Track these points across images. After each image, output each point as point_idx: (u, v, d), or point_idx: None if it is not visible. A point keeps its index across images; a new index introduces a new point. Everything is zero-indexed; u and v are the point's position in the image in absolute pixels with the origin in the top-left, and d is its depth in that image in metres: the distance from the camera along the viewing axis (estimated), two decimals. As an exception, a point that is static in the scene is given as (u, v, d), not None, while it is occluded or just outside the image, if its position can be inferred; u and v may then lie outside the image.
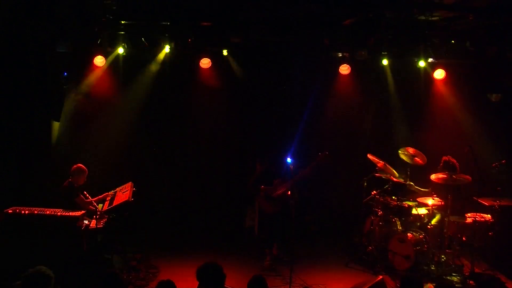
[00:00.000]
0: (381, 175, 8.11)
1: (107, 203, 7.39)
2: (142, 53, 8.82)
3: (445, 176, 7.49)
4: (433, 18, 7.60)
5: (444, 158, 7.88)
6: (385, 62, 9.17)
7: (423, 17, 7.52)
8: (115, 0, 7.19)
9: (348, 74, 9.44)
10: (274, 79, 9.66)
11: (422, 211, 7.87)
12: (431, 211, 7.80)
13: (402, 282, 4.64)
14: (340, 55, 9.24)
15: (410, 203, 7.90)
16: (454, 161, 7.78)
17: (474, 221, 7.35)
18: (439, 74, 9.25)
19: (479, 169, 7.54)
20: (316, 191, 9.54)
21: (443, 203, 7.64)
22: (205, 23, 7.66)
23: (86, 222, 6.73)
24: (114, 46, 8.55)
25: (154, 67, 9.19)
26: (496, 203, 7.49)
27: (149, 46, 8.40)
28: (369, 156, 8.21)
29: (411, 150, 8.14)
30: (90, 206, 7.13)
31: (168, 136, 9.78)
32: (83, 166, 7.23)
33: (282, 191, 7.65)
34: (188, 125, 9.90)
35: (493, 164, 7.95)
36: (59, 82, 8.52)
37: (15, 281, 4.38)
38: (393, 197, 7.98)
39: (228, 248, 8.65)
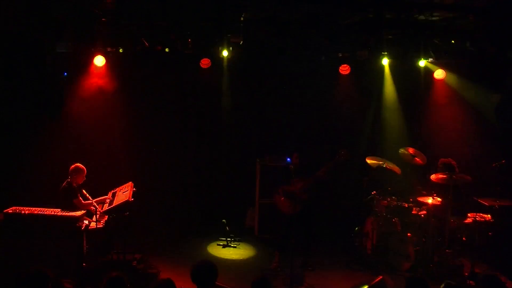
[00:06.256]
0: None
1: (107, 203, 7.40)
2: (142, 53, 8.83)
3: (445, 176, 7.49)
4: (433, 18, 7.59)
5: (443, 160, 7.85)
6: (385, 62, 9.18)
7: (423, 17, 7.51)
8: (115, 0, 7.19)
9: (348, 74, 9.45)
10: (274, 79, 9.66)
11: (422, 211, 7.87)
12: (431, 211, 7.80)
13: (407, 283, 4.63)
14: (340, 55, 9.24)
15: (410, 203, 7.90)
16: (453, 162, 7.78)
17: (474, 221, 7.35)
18: (439, 74, 9.26)
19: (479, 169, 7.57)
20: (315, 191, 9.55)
21: (443, 202, 7.65)
22: (205, 23, 7.66)
23: (86, 222, 6.73)
24: (114, 46, 8.55)
25: (154, 67, 9.19)
26: (496, 203, 7.49)
27: (149, 46, 8.40)
28: (368, 160, 8.19)
29: (411, 150, 8.15)
30: (91, 207, 7.14)
31: (168, 136, 9.78)
32: (81, 165, 7.22)
33: (299, 187, 7.44)
34: (188, 125, 9.90)
35: (493, 164, 7.95)
36: (59, 82, 8.52)
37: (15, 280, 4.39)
38: (393, 197, 7.98)
39: (228, 248, 8.65)
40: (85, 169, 7.23)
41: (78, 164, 7.23)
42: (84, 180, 7.29)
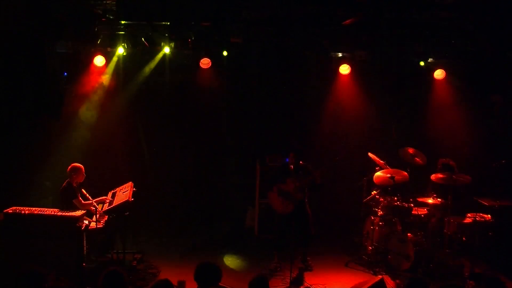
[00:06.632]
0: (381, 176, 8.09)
1: (107, 203, 7.40)
2: (142, 53, 8.83)
3: (445, 176, 7.50)
4: (433, 18, 7.59)
5: (442, 160, 7.87)
6: (384, 62, 9.17)
7: (423, 17, 7.51)
8: (115, 0, 7.19)
9: (348, 74, 9.46)
10: (274, 79, 9.67)
11: (422, 211, 7.88)
12: (431, 211, 7.81)
13: (408, 284, 4.62)
14: (340, 55, 9.24)
15: (410, 203, 7.90)
16: (452, 163, 7.79)
17: (474, 221, 7.35)
18: (439, 74, 9.26)
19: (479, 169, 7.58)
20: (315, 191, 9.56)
21: (443, 202, 7.66)
22: (205, 23, 7.66)
23: (86, 222, 6.73)
24: (114, 46, 8.55)
25: (154, 67, 9.20)
26: (496, 203, 7.49)
27: (149, 46, 8.40)
28: (370, 154, 8.23)
29: (411, 150, 8.15)
30: (91, 207, 7.14)
31: (168, 136, 9.79)
32: (77, 164, 7.23)
33: (294, 186, 7.43)
34: (188, 125, 9.90)
35: (493, 164, 7.95)
36: (59, 82, 8.53)
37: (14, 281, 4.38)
38: (393, 197, 7.98)
39: (228, 248, 8.64)
40: (82, 167, 7.23)
41: (74, 163, 7.24)
42: (84, 179, 7.30)
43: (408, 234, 7.68)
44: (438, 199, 7.76)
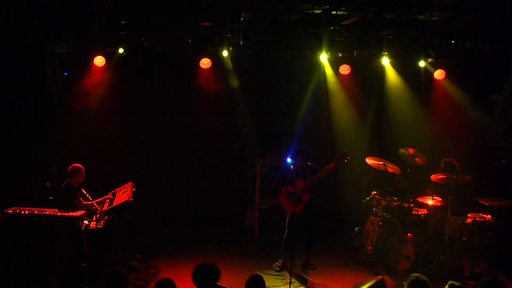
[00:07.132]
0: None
1: (106, 203, 7.41)
2: (142, 53, 8.83)
3: (445, 176, 7.51)
4: (433, 18, 7.59)
5: (445, 159, 7.89)
6: (385, 62, 9.18)
7: (423, 17, 7.51)
8: (115, 0, 7.19)
9: (348, 74, 9.46)
10: (274, 79, 9.67)
11: (422, 211, 7.88)
12: (431, 211, 7.82)
13: (410, 283, 4.62)
14: (340, 55, 9.24)
15: (410, 203, 7.91)
16: (455, 162, 7.80)
17: (474, 221, 7.35)
18: (439, 74, 9.26)
19: (479, 169, 7.58)
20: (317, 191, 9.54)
21: (443, 202, 7.67)
22: (205, 23, 7.66)
23: (86, 222, 6.73)
24: (114, 46, 8.55)
25: (154, 67, 9.20)
26: (496, 203, 7.50)
27: (149, 46, 8.40)
28: (368, 161, 8.21)
29: (411, 150, 8.16)
30: (91, 207, 7.14)
31: (168, 136, 9.79)
32: (77, 164, 7.25)
33: (301, 187, 7.44)
34: (188, 125, 9.91)
35: (493, 164, 7.95)
36: (59, 82, 8.52)
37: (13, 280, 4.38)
38: (393, 197, 7.99)
39: (228, 248, 8.65)
40: (82, 167, 7.25)
41: (74, 164, 7.27)
42: (84, 179, 7.30)
43: (408, 234, 7.68)
44: (438, 200, 7.77)
